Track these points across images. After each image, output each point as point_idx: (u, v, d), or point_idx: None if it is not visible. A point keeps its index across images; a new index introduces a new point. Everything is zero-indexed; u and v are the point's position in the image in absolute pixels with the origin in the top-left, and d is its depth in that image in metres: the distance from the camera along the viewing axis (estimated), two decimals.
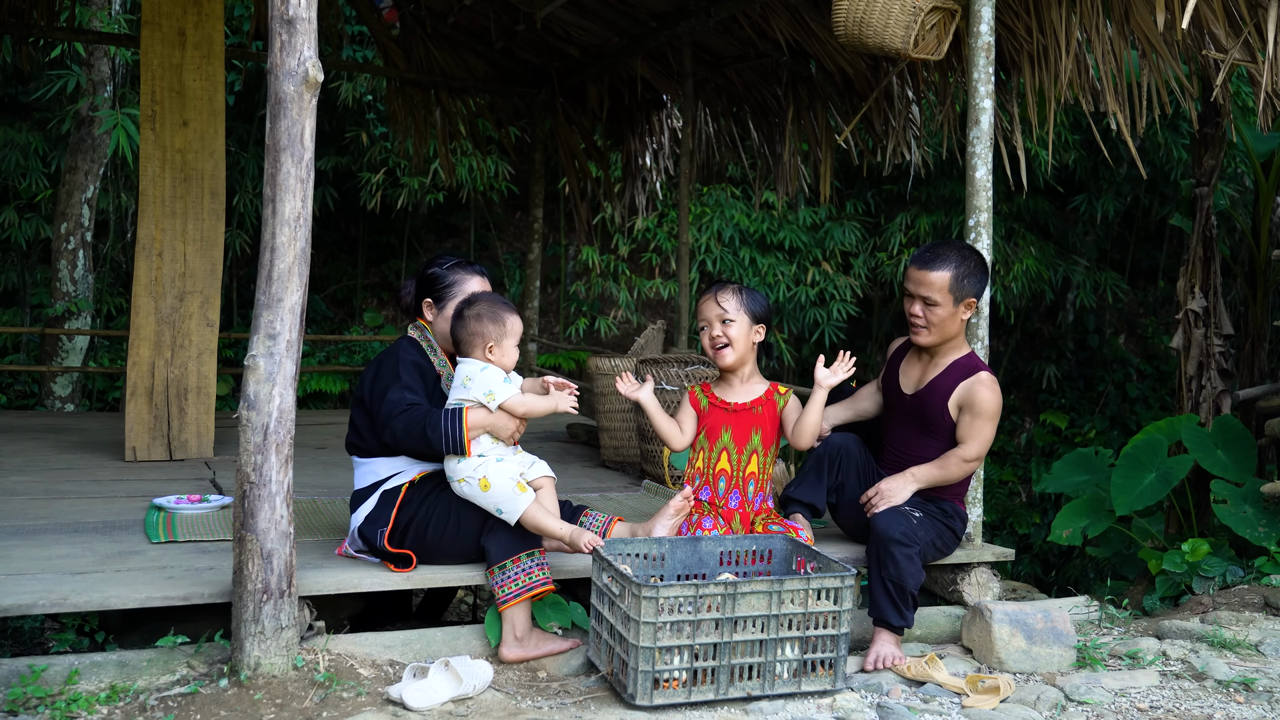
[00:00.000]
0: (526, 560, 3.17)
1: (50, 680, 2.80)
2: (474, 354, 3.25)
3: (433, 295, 3.48)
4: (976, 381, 3.53)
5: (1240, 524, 4.91)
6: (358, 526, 3.35)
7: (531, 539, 3.22)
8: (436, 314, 3.47)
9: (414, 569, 3.29)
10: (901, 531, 3.33)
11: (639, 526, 3.51)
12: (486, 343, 3.23)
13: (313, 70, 2.82)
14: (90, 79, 8.96)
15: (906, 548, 3.32)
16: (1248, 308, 7.68)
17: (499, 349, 3.24)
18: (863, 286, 10.67)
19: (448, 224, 11.66)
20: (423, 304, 3.50)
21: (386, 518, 3.28)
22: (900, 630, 3.38)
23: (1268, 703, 3.14)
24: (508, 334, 3.25)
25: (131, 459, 5.30)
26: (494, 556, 3.17)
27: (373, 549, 3.32)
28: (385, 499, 3.32)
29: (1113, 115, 4.57)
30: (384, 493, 3.33)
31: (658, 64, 6.96)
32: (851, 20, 4.10)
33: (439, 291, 3.47)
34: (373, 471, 3.37)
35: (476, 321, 3.23)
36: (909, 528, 3.36)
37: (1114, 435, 10.49)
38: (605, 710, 2.85)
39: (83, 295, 9.10)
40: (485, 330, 3.23)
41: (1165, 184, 10.62)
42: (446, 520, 3.26)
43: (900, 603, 3.33)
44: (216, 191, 5.47)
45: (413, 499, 3.30)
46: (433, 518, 3.27)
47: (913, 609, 3.37)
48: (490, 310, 3.24)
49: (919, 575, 3.38)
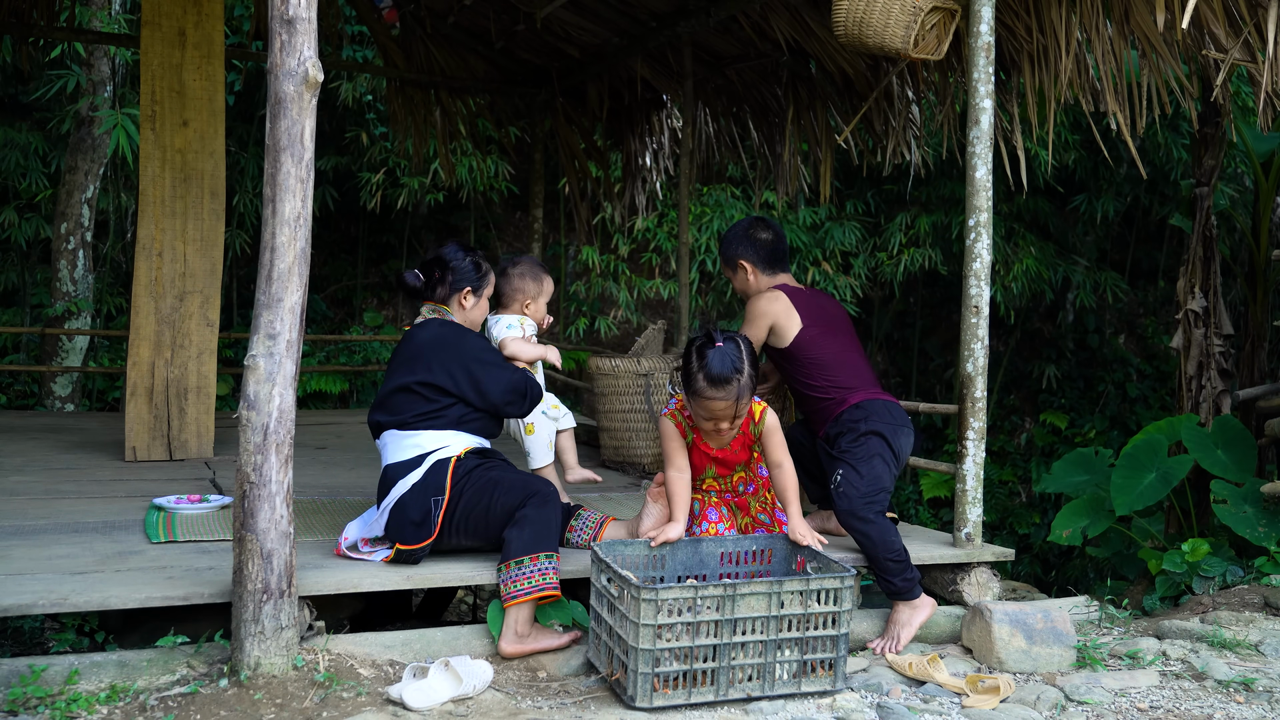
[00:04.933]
0: (545, 561, 3.19)
1: (50, 680, 2.80)
2: (512, 308, 3.86)
3: (474, 285, 3.65)
4: None
5: (1240, 524, 4.91)
6: (399, 498, 3.33)
7: (552, 541, 3.23)
8: (474, 303, 3.66)
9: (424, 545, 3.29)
10: (845, 509, 3.53)
11: (630, 524, 3.54)
12: (525, 299, 3.87)
13: (313, 70, 2.82)
14: (90, 79, 8.95)
15: (859, 520, 3.51)
16: (1248, 308, 7.68)
17: (534, 305, 3.90)
18: (863, 286, 10.66)
19: (448, 224, 11.66)
20: (459, 294, 3.62)
21: (440, 485, 3.31)
22: (905, 595, 3.49)
23: (1268, 703, 3.14)
24: (543, 293, 3.91)
25: (131, 459, 5.30)
26: (513, 550, 3.19)
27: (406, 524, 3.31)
28: (437, 468, 3.35)
29: (1113, 115, 4.57)
30: (436, 462, 3.36)
31: (658, 64, 6.96)
32: (851, 20, 4.10)
33: (479, 281, 3.66)
34: (417, 444, 3.40)
35: (520, 279, 3.88)
36: (848, 499, 3.53)
37: (1114, 435, 10.49)
38: (605, 711, 2.85)
39: (83, 295, 9.09)
40: (526, 287, 3.88)
41: (1165, 184, 10.61)
42: (478, 502, 3.31)
43: (883, 572, 3.50)
44: (216, 191, 5.47)
45: (460, 470, 3.36)
46: (467, 494, 3.31)
47: (901, 571, 3.49)
48: (532, 270, 3.91)
49: (882, 532, 3.50)
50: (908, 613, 3.52)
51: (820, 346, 3.85)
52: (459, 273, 3.61)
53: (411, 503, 3.31)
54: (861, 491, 3.54)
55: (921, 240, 10.34)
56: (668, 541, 3.23)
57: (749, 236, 4.05)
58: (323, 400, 9.98)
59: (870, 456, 3.63)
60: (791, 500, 3.40)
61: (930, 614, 3.56)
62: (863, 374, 3.87)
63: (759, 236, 4.05)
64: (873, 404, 3.75)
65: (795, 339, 3.83)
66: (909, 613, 3.52)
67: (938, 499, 9.92)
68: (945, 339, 11.60)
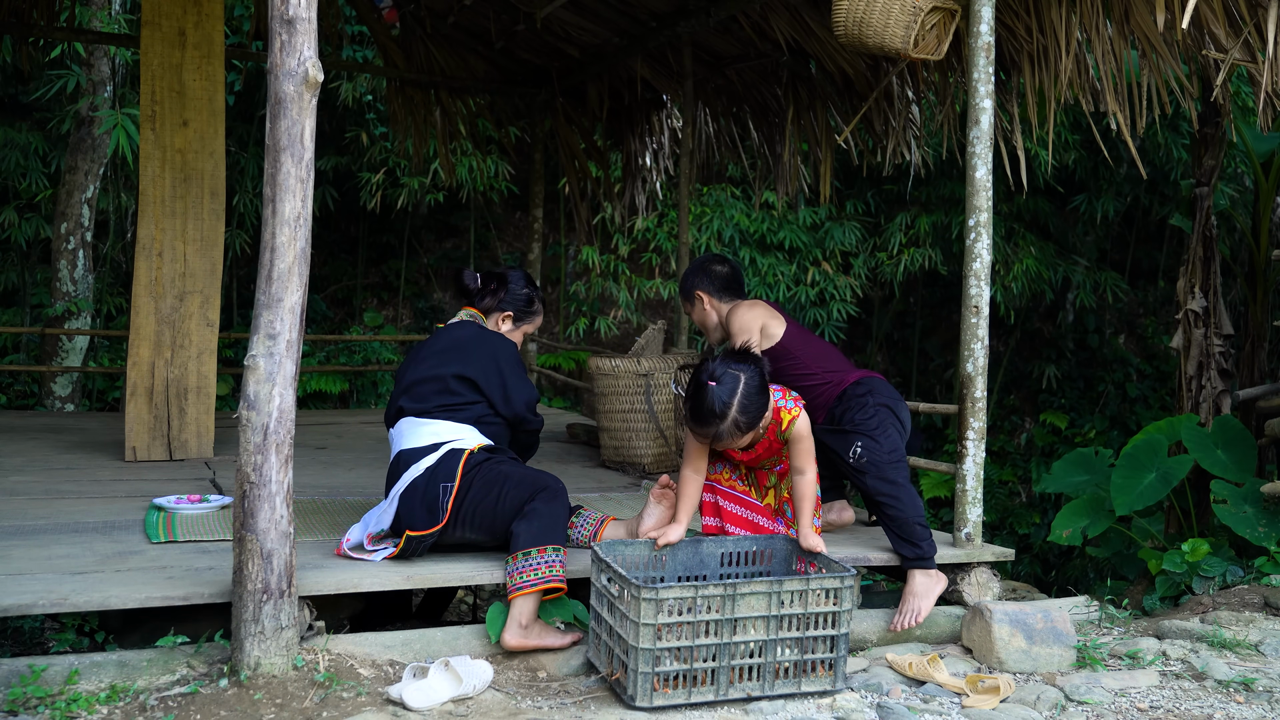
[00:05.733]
0: (552, 554, 3.20)
1: (50, 680, 2.80)
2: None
3: (519, 314, 3.78)
4: None
5: (1240, 524, 4.91)
6: (413, 479, 3.36)
7: (560, 535, 3.26)
8: (509, 329, 3.77)
9: (413, 564, 3.29)
10: (874, 475, 3.58)
11: (630, 523, 3.54)
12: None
13: (313, 70, 2.82)
14: (90, 79, 8.95)
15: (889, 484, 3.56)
16: (1248, 308, 7.68)
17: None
18: (863, 286, 10.67)
19: (448, 224, 11.66)
20: (503, 314, 3.75)
21: (451, 473, 3.34)
22: (926, 562, 3.53)
23: (1268, 703, 3.14)
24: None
25: (131, 459, 5.30)
26: (521, 542, 3.19)
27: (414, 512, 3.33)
28: (450, 456, 3.37)
29: (1113, 115, 4.57)
30: (450, 451, 3.39)
31: (658, 64, 6.96)
32: (851, 20, 4.10)
33: (524, 314, 3.80)
34: (434, 433, 3.43)
35: None
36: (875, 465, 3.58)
37: (1114, 435, 10.49)
38: (605, 710, 2.85)
39: (83, 295, 9.10)
40: None
41: (1165, 184, 10.61)
42: (488, 491, 3.32)
43: (911, 538, 3.53)
44: (216, 191, 5.47)
45: (471, 462, 3.37)
46: (476, 486, 3.33)
47: (927, 535, 3.55)
48: None
49: (911, 495, 3.56)
50: (927, 582, 3.54)
51: (808, 338, 4.02)
52: (512, 295, 3.76)
53: (423, 487, 3.34)
54: (885, 457, 3.59)
55: (921, 240, 10.34)
56: (669, 544, 3.24)
57: (705, 269, 4.19)
58: (323, 400, 9.99)
59: (885, 425, 3.70)
60: (805, 510, 3.37)
61: (944, 586, 3.60)
62: (847, 362, 4.03)
63: (714, 269, 4.18)
64: (872, 380, 3.87)
65: (785, 335, 3.95)
66: (928, 582, 3.54)
67: (938, 499, 9.92)
68: (945, 339, 11.60)
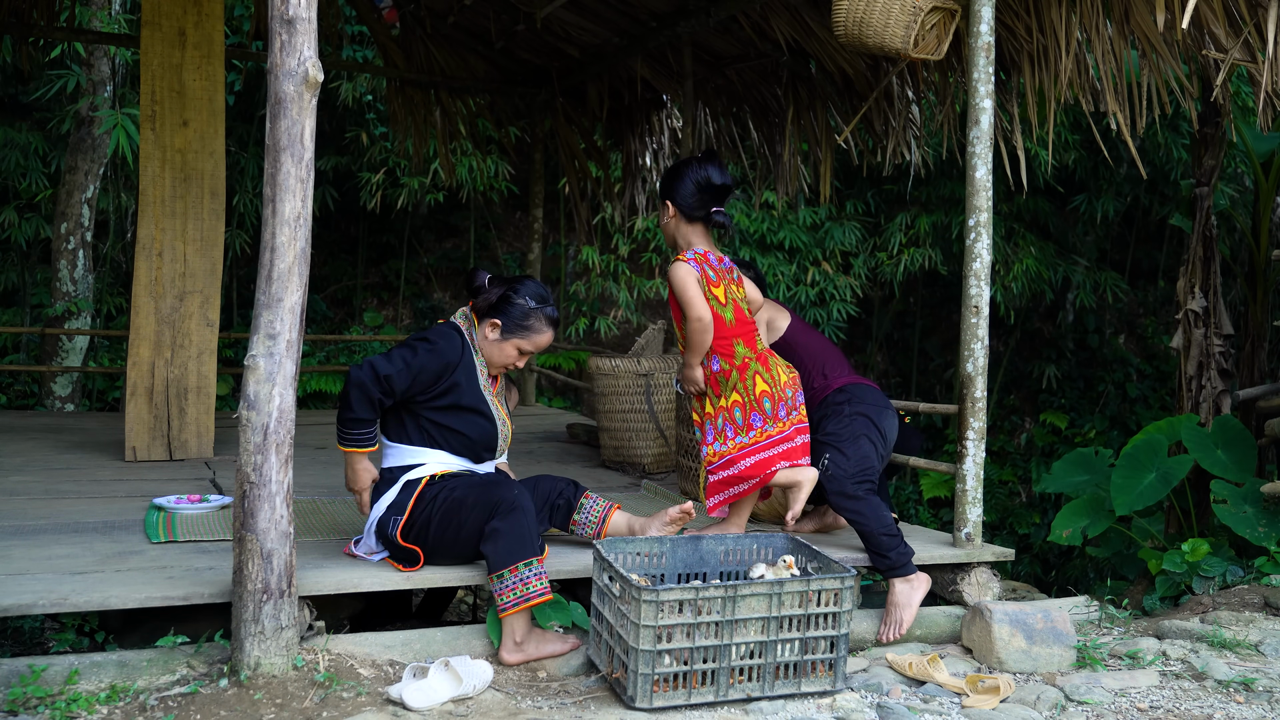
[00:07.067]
0: (524, 570, 3.12)
1: (50, 680, 2.80)
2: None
3: (506, 324, 3.44)
4: None
5: (1240, 524, 4.91)
6: (379, 516, 3.34)
7: (529, 547, 3.14)
8: (494, 337, 3.45)
9: (419, 568, 3.30)
10: (835, 490, 3.60)
11: (637, 521, 3.53)
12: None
13: (313, 70, 2.82)
14: (90, 79, 8.95)
15: (849, 499, 3.58)
16: (1248, 308, 7.68)
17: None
18: (863, 286, 10.67)
19: (448, 224, 11.66)
20: (490, 321, 3.44)
21: (405, 506, 3.30)
22: (900, 570, 3.51)
23: (1268, 703, 3.14)
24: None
25: (131, 459, 5.30)
26: (492, 565, 3.15)
27: (385, 541, 3.33)
28: (407, 488, 3.33)
29: (1113, 115, 4.57)
30: (407, 481, 3.34)
31: (658, 64, 6.96)
32: (851, 20, 4.10)
33: (516, 326, 3.45)
34: (399, 453, 3.38)
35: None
36: (837, 480, 3.60)
37: (1114, 435, 10.49)
38: (605, 710, 2.85)
39: (83, 295, 9.09)
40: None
41: (1165, 184, 10.61)
42: (449, 522, 3.25)
43: (878, 548, 3.52)
44: (216, 191, 5.47)
45: (427, 494, 3.30)
46: (437, 517, 3.26)
47: (896, 545, 3.52)
48: None
49: (874, 507, 3.56)
50: (906, 590, 3.52)
51: (809, 333, 4.05)
52: (509, 305, 3.44)
53: (385, 520, 3.32)
54: (849, 471, 3.60)
55: (921, 240, 10.34)
56: None
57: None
58: (323, 400, 9.98)
59: (856, 437, 3.69)
60: None
61: (927, 588, 3.58)
62: (844, 363, 4.02)
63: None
64: (856, 387, 3.85)
65: (789, 329, 3.99)
66: (907, 590, 3.52)
67: (938, 499, 9.93)
68: (945, 339, 11.60)
